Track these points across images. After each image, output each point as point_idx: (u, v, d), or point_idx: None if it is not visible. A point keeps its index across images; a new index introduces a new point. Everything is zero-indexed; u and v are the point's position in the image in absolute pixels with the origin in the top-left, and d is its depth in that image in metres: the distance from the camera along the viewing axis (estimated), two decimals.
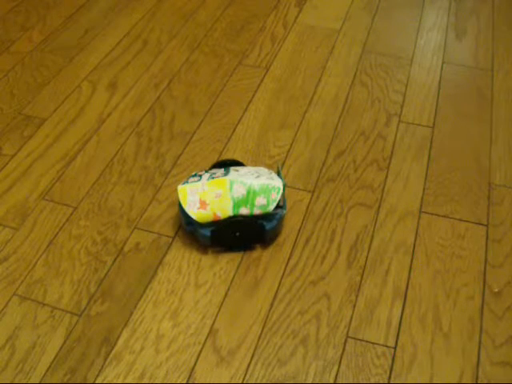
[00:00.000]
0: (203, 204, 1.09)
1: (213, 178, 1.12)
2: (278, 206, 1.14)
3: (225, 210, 1.10)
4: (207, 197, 1.10)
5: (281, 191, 1.12)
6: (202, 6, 1.83)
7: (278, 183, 1.12)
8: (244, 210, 1.10)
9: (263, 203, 1.10)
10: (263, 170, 1.17)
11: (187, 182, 1.13)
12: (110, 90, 1.51)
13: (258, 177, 1.12)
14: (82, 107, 1.45)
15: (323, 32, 1.72)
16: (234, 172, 1.13)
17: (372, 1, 1.87)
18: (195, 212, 1.10)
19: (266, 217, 1.12)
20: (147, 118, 1.43)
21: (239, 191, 1.09)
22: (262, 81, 1.54)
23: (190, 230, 1.14)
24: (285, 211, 1.14)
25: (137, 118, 1.43)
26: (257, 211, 1.11)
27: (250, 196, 1.10)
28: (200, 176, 1.14)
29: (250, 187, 1.10)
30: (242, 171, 1.14)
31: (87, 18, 1.76)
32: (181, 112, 1.45)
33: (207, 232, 1.10)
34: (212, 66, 1.59)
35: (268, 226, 1.11)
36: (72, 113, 1.44)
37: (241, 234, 1.11)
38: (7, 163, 1.31)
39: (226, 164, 1.20)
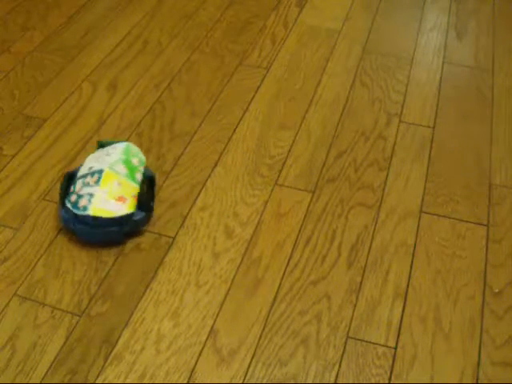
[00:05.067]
0: (122, 199, 1.13)
1: (97, 180, 1.13)
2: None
3: (133, 188, 1.15)
4: (117, 192, 1.13)
5: (128, 146, 1.22)
6: (202, 6, 1.83)
7: (115, 149, 1.21)
8: (138, 175, 1.19)
9: (138, 160, 1.21)
10: (94, 156, 1.21)
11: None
12: (111, 91, 1.51)
13: (107, 154, 1.18)
14: (82, 107, 1.46)
15: (324, 32, 1.72)
16: (94, 165, 1.16)
17: (372, 1, 1.87)
18: (121, 208, 1.12)
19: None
20: (148, 119, 1.43)
21: (120, 168, 1.16)
22: (262, 81, 1.55)
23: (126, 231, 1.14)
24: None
25: (137, 119, 1.43)
26: (142, 169, 1.20)
27: (129, 165, 1.18)
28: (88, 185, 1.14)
29: (121, 161, 1.17)
30: (92, 163, 1.18)
31: (88, 18, 1.76)
32: (181, 112, 1.45)
33: (142, 214, 1.14)
34: (212, 67, 1.59)
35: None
36: (72, 113, 1.44)
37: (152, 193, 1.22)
38: (8, 163, 1.31)
39: (72, 176, 1.20)
